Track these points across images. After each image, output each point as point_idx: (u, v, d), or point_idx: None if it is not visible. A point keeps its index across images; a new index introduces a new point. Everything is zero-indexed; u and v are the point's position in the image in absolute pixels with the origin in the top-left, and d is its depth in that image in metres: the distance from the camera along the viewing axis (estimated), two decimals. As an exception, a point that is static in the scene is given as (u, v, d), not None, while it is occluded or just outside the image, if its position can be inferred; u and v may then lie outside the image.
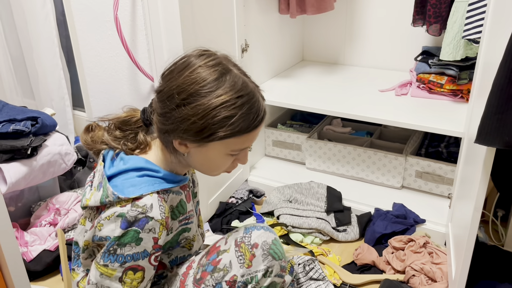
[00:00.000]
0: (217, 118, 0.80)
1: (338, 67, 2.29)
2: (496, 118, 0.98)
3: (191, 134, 0.81)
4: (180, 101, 0.81)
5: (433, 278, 1.40)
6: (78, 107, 2.40)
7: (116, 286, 0.84)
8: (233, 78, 0.83)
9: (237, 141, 0.84)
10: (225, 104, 0.80)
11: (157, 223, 0.83)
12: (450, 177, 1.75)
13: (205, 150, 0.84)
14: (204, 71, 0.81)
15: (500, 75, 0.95)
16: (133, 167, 0.87)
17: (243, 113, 0.81)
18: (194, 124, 0.80)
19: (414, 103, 1.80)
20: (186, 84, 0.81)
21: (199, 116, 0.80)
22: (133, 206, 0.82)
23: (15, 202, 1.69)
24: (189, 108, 0.80)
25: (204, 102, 0.80)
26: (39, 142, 1.56)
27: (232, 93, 0.81)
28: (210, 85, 0.80)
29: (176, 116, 0.81)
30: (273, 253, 0.91)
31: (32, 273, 1.48)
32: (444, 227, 1.62)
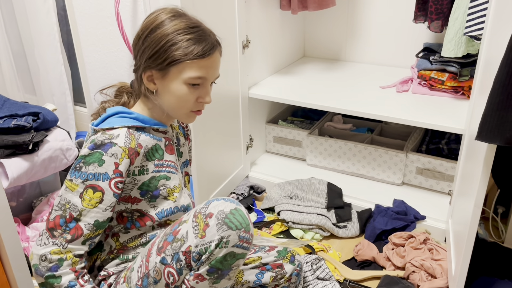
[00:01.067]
0: (171, 41, 0.92)
1: (339, 64, 2.28)
2: (497, 115, 0.98)
3: (152, 61, 0.93)
4: (144, 36, 0.95)
5: (433, 274, 1.41)
6: (79, 103, 2.40)
7: (76, 200, 0.93)
8: (188, 17, 0.97)
9: (191, 66, 0.93)
10: (178, 30, 0.93)
11: (120, 149, 0.93)
12: (451, 174, 1.75)
13: (167, 82, 0.95)
14: (164, 12, 0.97)
15: (502, 72, 0.95)
16: (111, 113, 0.99)
17: (194, 38, 0.93)
18: (153, 50, 0.93)
19: (415, 100, 1.80)
20: (148, 23, 0.96)
21: (157, 42, 0.93)
22: (102, 133, 0.94)
23: (17, 197, 1.69)
24: (149, 39, 0.94)
25: (161, 31, 0.93)
26: (41, 137, 1.56)
27: (185, 23, 0.94)
28: (168, 20, 0.95)
29: (141, 49, 0.95)
30: (229, 222, 0.88)
31: (34, 268, 1.48)
32: (444, 224, 1.62)
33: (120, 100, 1.06)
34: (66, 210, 0.93)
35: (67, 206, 0.93)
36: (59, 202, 0.95)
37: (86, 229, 0.94)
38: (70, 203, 0.93)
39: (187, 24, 0.95)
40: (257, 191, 1.92)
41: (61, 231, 0.94)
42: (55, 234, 0.94)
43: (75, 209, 0.93)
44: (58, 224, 0.94)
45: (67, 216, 0.93)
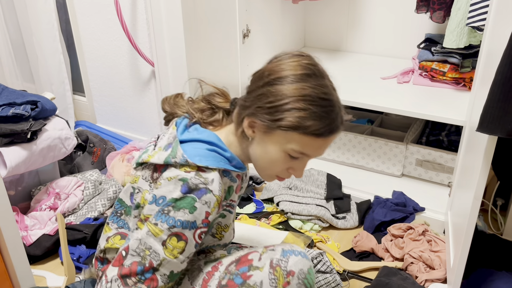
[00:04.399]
0: (292, 105, 0.81)
1: (340, 54, 2.27)
2: (499, 107, 0.97)
3: (263, 111, 0.84)
4: (267, 80, 0.84)
5: (431, 266, 1.41)
6: (78, 92, 2.39)
7: (158, 247, 0.84)
8: (322, 81, 0.85)
9: (300, 140, 0.83)
10: (305, 97, 0.82)
11: (214, 197, 0.85)
12: (451, 166, 1.75)
13: (267, 139, 0.86)
14: (300, 64, 0.85)
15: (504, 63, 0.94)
16: (205, 139, 0.90)
17: (317, 113, 0.82)
18: (269, 103, 0.83)
19: (416, 91, 1.79)
20: (278, 68, 0.85)
21: (277, 97, 0.82)
22: (197, 174, 0.85)
23: (15, 186, 1.69)
24: (271, 88, 0.84)
25: (287, 87, 0.82)
26: (39, 126, 1.55)
27: (316, 91, 0.83)
28: (299, 77, 0.83)
29: (257, 93, 0.85)
30: (306, 282, 0.90)
31: (32, 257, 1.48)
32: (444, 216, 1.62)
33: (212, 115, 0.97)
34: (146, 257, 0.84)
35: (147, 253, 0.84)
36: (138, 246, 0.85)
37: (161, 281, 0.86)
38: (151, 249, 0.84)
39: (318, 93, 0.83)
40: (256, 181, 1.92)
41: (136, 280, 0.85)
42: (128, 283, 0.85)
43: (156, 258, 0.84)
44: (135, 272, 0.85)
45: (146, 264, 0.85)
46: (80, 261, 1.48)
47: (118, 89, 2.13)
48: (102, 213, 1.69)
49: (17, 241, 1.28)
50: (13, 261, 1.28)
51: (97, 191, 1.74)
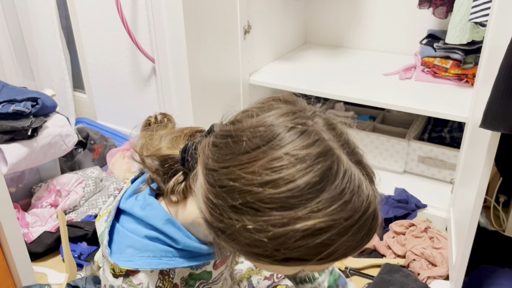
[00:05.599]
0: (303, 245, 0.49)
1: (341, 50, 2.26)
2: (502, 103, 0.97)
3: (253, 253, 0.52)
4: (246, 203, 0.49)
5: (433, 263, 1.41)
6: (79, 89, 2.38)
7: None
8: (342, 180, 0.50)
9: (317, 265, 0.53)
10: (323, 229, 0.48)
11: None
12: (453, 162, 1.74)
13: (252, 261, 0.56)
14: (292, 168, 0.48)
15: (507, 58, 0.93)
16: (148, 222, 0.63)
17: (343, 241, 0.50)
18: (260, 246, 0.50)
19: (418, 87, 1.78)
20: (261, 182, 0.49)
21: (274, 239, 0.49)
22: (125, 281, 0.63)
23: (16, 183, 1.69)
24: (260, 220, 0.49)
25: (291, 219, 0.48)
26: (40, 123, 1.55)
27: (336, 213, 0.49)
28: (306, 192, 0.48)
29: (233, 220, 0.51)
30: None
31: (33, 254, 1.48)
32: (446, 212, 1.62)
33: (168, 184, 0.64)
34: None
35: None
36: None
37: None
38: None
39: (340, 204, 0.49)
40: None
41: None
42: None
43: None
44: None
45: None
46: (82, 258, 1.48)
47: (118, 86, 2.12)
48: (103, 210, 1.69)
49: (19, 238, 1.28)
50: (15, 258, 1.28)
51: (98, 188, 1.73)
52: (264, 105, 0.56)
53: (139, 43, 1.86)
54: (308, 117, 0.53)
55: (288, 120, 0.52)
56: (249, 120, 0.53)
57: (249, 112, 0.55)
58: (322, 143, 0.51)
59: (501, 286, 1.28)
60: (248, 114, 0.55)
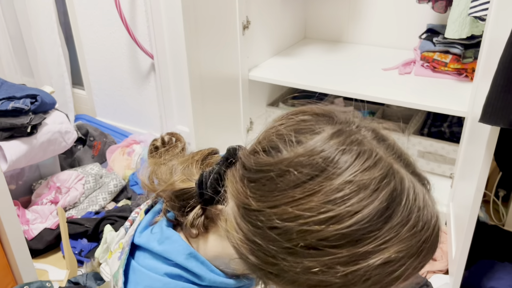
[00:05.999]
0: (376, 278, 0.43)
1: (341, 45, 2.25)
2: (501, 97, 0.96)
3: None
4: (306, 245, 0.42)
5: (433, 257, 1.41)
6: (78, 85, 2.38)
7: None
8: (407, 199, 0.44)
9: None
10: (397, 257, 0.43)
11: None
12: (453, 157, 1.74)
13: None
14: (355, 196, 0.42)
15: (507, 53, 0.93)
16: (168, 257, 0.56)
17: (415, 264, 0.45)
18: (323, 284, 0.43)
19: (418, 82, 1.77)
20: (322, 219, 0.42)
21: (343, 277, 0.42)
22: None
23: (16, 180, 1.69)
24: (326, 261, 0.42)
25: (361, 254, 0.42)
26: (39, 120, 1.55)
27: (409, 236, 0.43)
28: (375, 221, 0.42)
29: (291, 263, 0.44)
30: None
31: (34, 251, 1.49)
32: (445, 207, 1.62)
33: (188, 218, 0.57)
34: None
35: None
36: None
37: None
38: None
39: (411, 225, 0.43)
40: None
41: None
42: None
43: None
44: None
45: None
46: (82, 255, 1.48)
47: (117, 82, 2.12)
48: (103, 207, 1.69)
49: (19, 235, 1.29)
50: (15, 255, 1.28)
51: (98, 184, 1.74)
52: (299, 125, 0.48)
53: (138, 39, 1.85)
54: (356, 132, 0.46)
55: (339, 142, 0.44)
56: (291, 149, 0.45)
57: (284, 136, 0.46)
58: (381, 162, 0.44)
59: (500, 280, 1.29)
60: (285, 140, 0.46)
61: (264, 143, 0.48)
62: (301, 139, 0.46)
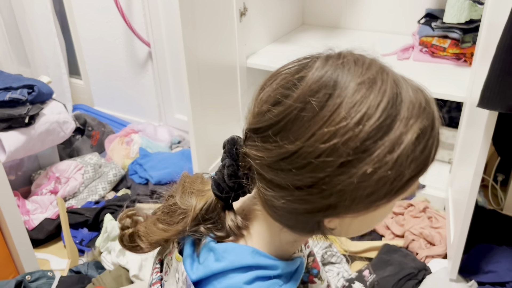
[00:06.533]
0: (412, 157, 0.48)
1: (339, 31, 2.24)
2: (499, 82, 0.96)
3: (375, 198, 0.48)
4: (349, 156, 0.46)
5: (432, 242, 1.42)
6: (75, 75, 2.37)
7: None
8: (405, 87, 0.50)
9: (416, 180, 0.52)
10: (419, 132, 0.48)
11: None
12: (451, 142, 1.74)
13: (372, 211, 0.51)
14: (369, 92, 0.47)
15: (505, 37, 0.92)
16: (236, 266, 0.54)
17: (436, 133, 0.50)
18: (380, 183, 0.47)
19: (416, 68, 1.77)
20: (350, 126, 0.46)
21: (389, 168, 0.47)
22: None
23: (15, 171, 1.69)
24: (368, 162, 0.46)
25: (392, 142, 0.46)
26: (37, 110, 1.55)
27: (418, 111, 0.49)
28: (389, 112, 0.47)
29: (341, 183, 0.47)
30: None
31: (35, 241, 1.49)
32: (444, 192, 1.63)
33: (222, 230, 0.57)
34: None
35: None
36: None
37: None
38: None
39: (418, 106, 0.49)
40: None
41: None
42: None
43: None
44: None
45: None
46: (83, 244, 1.49)
47: (115, 71, 2.11)
48: (103, 197, 1.70)
49: (19, 226, 1.29)
50: (16, 245, 1.29)
51: (97, 174, 1.74)
52: (292, 72, 0.52)
53: (134, 27, 1.84)
54: (341, 53, 0.53)
55: (334, 61, 0.50)
56: (298, 87, 0.49)
57: (286, 84, 0.51)
58: (374, 62, 0.51)
59: (498, 264, 1.30)
60: (288, 86, 0.50)
61: (269, 100, 0.52)
62: (301, 76, 0.50)
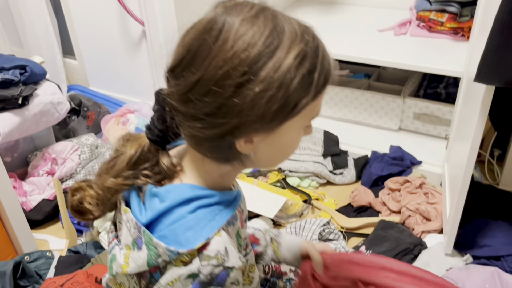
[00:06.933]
0: (298, 79, 0.56)
1: (335, 7, 2.20)
2: (497, 56, 0.95)
3: (269, 118, 0.57)
4: (240, 79, 0.55)
5: (428, 218, 1.43)
6: (69, 55, 2.34)
7: None
8: (288, 22, 0.60)
9: (316, 104, 0.61)
10: (300, 56, 0.57)
11: (238, 271, 0.61)
12: (448, 118, 1.73)
13: (278, 135, 0.60)
14: (251, 26, 0.56)
15: (503, 10, 0.91)
16: (179, 201, 0.62)
17: (320, 60, 0.59)
18: (271, 102, 0.56)
19: (414, 43, 1.75)
20: (237, 53, 0.55)
21: (276, 87, 0.55)
22: (203, 259, 0.59)
23: (11, 153, 1.69)
24: (257, 82, 0.55)
25: (275, 64, 0.55)
26: (30, 91, 1.53)
27: (299, 39, 0.58)
28: (270, 40, 0.56)
29: (238, 103, 0.55)
30: None
31: (33, 222, 1.50)
32: (440, 168, 1.63)
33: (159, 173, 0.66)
34: None
35: None
36: None
37: None
38: None
39: (298, 34, 0.59)
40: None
41: None
42: None
43: None
44: None
45: None
46: (81, 224, 1.50)
47: (109, 50, 2.08)
48: (100, 177, 1.70)
49: (16, 207, 1.29)
50: (14, 226, 1.30)
51: (94, 155, 1.73)
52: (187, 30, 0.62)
53: (127, 5, 1.80)
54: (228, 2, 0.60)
55: (224, 5, 0.59)
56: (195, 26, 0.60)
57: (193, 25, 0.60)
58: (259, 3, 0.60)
59: (494, 238, 1.31)
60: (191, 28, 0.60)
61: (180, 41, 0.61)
62: (200, 19, 0.60)
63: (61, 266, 1.30)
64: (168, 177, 0.66)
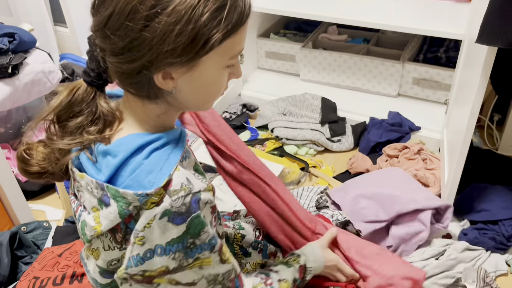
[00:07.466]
0: (207, 14, 0.58)
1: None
2: (500, 15, 0.92)
3: (179, 52, 0.59)
4: (149, 12, 0.56)
5: (426, 183, 1.42)
6: (60, 23, 2.28)
7: (222, 268, 0.70)
8: None
9: (232, 43, 0.62)
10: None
11: (208, 193, 0.66)
12: (448, 83, 1.70)
13: (197, 73, 0.62)
14: None
15: (508, -34, 0.87)
16: (131, 151, 0.64)
17: (227, 4, 0.59)
18: (181, 36, 0.57)
19: (414, 5, 1.70)
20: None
21: (185, 21, 0.57)
22: (171, 194, 0.62)
23: (4, 123, 1.66)
24: (165, 16, 0.57)
25: (179, 5, 0.56)
26: (20, 59, 1.49)
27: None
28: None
29: (149, 37, 0.58)
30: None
31: (30, 193, 1.49)
32: (439, 134, 1.61)
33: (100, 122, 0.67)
34: (224, 283, 0.72)
35: (219, 279, 0.71)
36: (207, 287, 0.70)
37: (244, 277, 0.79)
38: (219, 274, 0.70)
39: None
40: (250, 109, 1.89)
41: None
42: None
43: (229, 274, 0.72)
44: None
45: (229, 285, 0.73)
46: (77, 195, 1.49)
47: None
48: (95, 147, 1.68)
49: (10, 178, 1.28)
50: (8, 197, 1.29)
51: (88, 125, 1.71)
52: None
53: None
54: None
55: None
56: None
57: None
58: None
59: (492, 202, 1.31)
60: None
61: None
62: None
63: (58, 236, 1.30)
64: (108, 123, 0.67)
